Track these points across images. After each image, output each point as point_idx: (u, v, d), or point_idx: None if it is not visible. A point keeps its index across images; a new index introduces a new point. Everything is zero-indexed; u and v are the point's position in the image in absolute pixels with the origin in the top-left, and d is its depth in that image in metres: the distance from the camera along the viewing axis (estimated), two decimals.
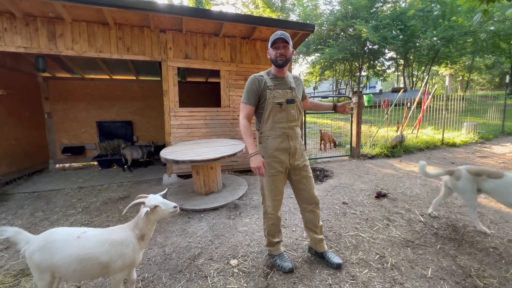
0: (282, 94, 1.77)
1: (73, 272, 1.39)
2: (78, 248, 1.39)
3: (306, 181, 1.88)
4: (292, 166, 1.85)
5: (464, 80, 25.84)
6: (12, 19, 3.40)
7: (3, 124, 4.29)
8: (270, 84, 1.77)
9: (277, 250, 2.00)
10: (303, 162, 1.88)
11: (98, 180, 4.58)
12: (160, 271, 1.97)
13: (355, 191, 3.54)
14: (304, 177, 1.88)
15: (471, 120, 8.34)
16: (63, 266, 1.37)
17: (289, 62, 1.77)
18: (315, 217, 1.93)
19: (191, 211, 3.03)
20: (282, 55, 1.71)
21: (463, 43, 17.16)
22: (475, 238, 2.29)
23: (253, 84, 1.77)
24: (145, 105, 6.46)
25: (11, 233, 1.40)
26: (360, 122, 5.43)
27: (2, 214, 3.15)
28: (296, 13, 22.53)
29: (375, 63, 22.06)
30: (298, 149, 1.85)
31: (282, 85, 1.80)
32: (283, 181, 1.89)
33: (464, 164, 4.75)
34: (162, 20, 3.80)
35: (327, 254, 1.96)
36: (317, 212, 1.93)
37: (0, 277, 1.96)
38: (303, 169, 1.88)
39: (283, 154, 1.80)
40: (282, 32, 1.71)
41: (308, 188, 1.89)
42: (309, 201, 1.91)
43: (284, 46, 1.70)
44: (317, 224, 1.96)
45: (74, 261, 1.37)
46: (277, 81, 1.80)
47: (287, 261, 1.93)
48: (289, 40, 1.70)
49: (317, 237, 1.97)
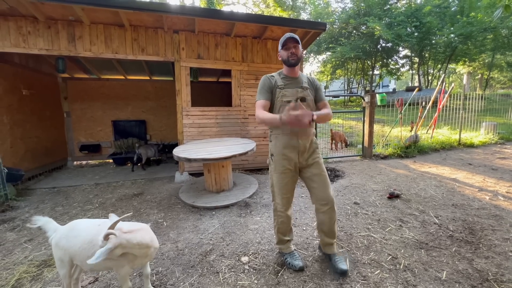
0: (292, 93, 1.79)
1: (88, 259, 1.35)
2: (95, 234, 1.41)
3: (318, 178, 1.83)
4: (301, 164, 1.85)
5: (483, 78, 24.75)
6: (35, 23, 3.58)
7: (26, 122, 4.51)
8: (281, 83, 1.82)
9: (287, 248, 2.01)
10: (314, 160, 1.85)
11: (113, 177, 4.74)
12: (173, 266, 2.02)
13: (367, 191, 3.49)
14: (316, 174, 1.83)
15: (491, 120, 8.01)
16: (82, 251, 1.39)
17: (300, 61, 1.82)
18: (329, 220, 1.84)
19: (203, 208, 3.09)
20: (293, 54, 1.77)
21: (482, 39, 16.46)
22: (493, 241, 2.21)
23: (265, 81, 1.84)
24: (158, 105, 6.61)
25: (43, 222, 1.53)
26: (373, 122, 5.34)
27: (25, 208, 3.32)
28: (307, 12, 22.33)
29: (388, 61, 21.51)
30: (309, 147, 1.84)
31: (293, 85, 1.83)
32: (293, 179, 1.89)
33: (482, 165, 4.61)
34: (176, 21, 3.88)
35: (334, 258, 1.90)
36: (332, 216, 1.83)
37: (25, 267, 2.08)
38: (314, 167, 1.84)
39: (292, 152, 1.81)
40: (291, 34, 1.80)
41: (319, 186, 1.83)
42: (321, 201, 1.83)
43: (294, 46, 1.77)
44: (332, 228, 1.86)
45: (89, 247, 1.38)
46: (288, 81, 1.84)
47: (297, 259, 1.94)
48: (298, 40, 1.79)
49: (327, 240, 1.91)
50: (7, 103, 4.07)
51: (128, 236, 1.32)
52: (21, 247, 2.39)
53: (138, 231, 1.41)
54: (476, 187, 3.52)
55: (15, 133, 4.20)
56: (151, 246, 1.45)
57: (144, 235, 1.43)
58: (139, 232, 1.41)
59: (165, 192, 3.77)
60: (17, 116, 4.28)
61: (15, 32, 3.52)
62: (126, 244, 1.30)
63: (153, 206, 3.26)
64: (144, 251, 1.42)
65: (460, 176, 4.01)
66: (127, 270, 1.44)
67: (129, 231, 1.35)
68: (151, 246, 1.45)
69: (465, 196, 3.23)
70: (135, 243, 1.35)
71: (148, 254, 1.46)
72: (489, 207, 2.89)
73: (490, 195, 3.22)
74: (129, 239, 1.32)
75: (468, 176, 4.03)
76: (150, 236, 1.48)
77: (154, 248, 1.50)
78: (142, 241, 1.38)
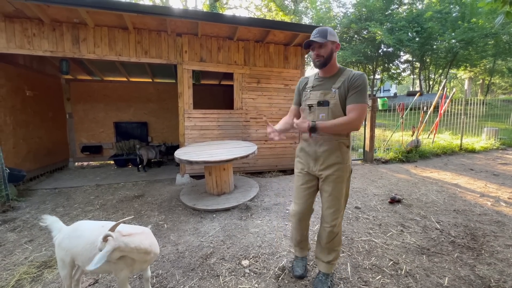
0: (317, 96, 1.64)
1: (88, 261, 1.35)
2: (97, 236, 1.38)
3: (327, 197, 1.66)
4: (316, 174, 1.71)
5: (484, 84, 24.78)
6: (41, 25, 3.62)
7: (29, 123, 4.53)
8: (310, 85, 1.71)
9: (297, 251, 1.97)
10: (328, 175, 1.63)
11: (114, 178, 4.74)
12: (174, 269, 2.02)
13: (368, 195, 3.48)
14: (325, 191, 1.67)
15: (492, 125, 8.00)
16: (85, 253, 1.39)
17: (329, 60, 1.59)
18: (326, 238, 1.71)
19: (203, 211, 3.08)
20: (318, 56, 1.59)
21: (484, 45, 16.52)
22: (496, 248, 2.20)
23: (297, 85, 1.85)
24: (160, 107, 6.64)
25: (50, 221, 1.56)
26: (374, 126, 5.35)
27: (27, 208, 3.33)
28: (309, 16, 22.47)
29: (389, 66, 21.61)
30: (326, 158, 1.63)
31: (323, 86, 1.65)
32: (308, 185, 1.75)
33: (484, 171, 4.60)
34: (179, 24, 3.92)
35: (318, 275, 1.81)
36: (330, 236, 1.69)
37: (25, 268, 2.07)
38: (326, 183, 1.65)
39: (306, 157, 1.73)
40: (317, 31, 1.57)
41: (324, 205, 1.70)
42: (323, 218, 1.73)
43: (319, 46, 1.57)
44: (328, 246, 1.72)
45: (90, 249, 1.37)
46: (320, 82, 1.68)
47: (301, 267, 1.90)
48: (324, 37, 1.55)
49: (318, 254, 1.81)
50: (11, 104, 4.09)
51: (126, 240, 1.30)
52: (22, 248, 2.38)
53: (138, 235, 1.39)
54: (478, 193, 3.51)
55: (17, 133, 4.22)
56: (150, 252, 1.42)
57: (144, 239, 1.40)
58: (139, 236, 1.39)
59: (166, 194, 3.77)
60: (20, 116, 4.31)
61: (21, 34, 3.56)
62: (124, 247, 1.28)
63: (153, 208, 3.26)
64: (142, 256, 1.39)
65: (462, 182, 4.00)
66: (126, 274, 1.41)
67: (128, 234, 1.34)
68: (150, 252, 1.42)
69: (466, 201, 3.22)
70: (133, 247, 1.33)
71: (146, 259, 1.43)
72: (491, 213, 2.88)
73: (492, 201, 3.21)
74: (127, 242, 1.30)
75: (470, 181, 4.02)
76: (150, 241, 1.45)
77: (154, 253, 1.47)
78: (140, 246, 1.36)
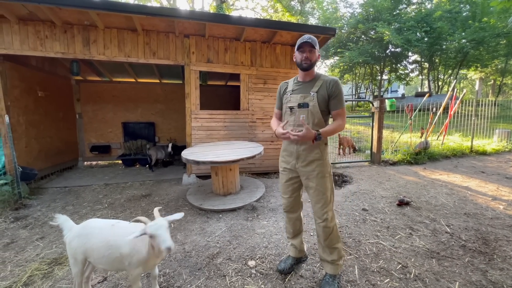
0: (297, 99, 1.75)
1: (102, 258, 1.47)
2: (110, 234, 1.50)
3: (312, 192, 1.75)
4: (298, 171, 1.80)
5: (496, 84, 24.18)
6: (53, 27, 3.71)
7: (40, 123, 4.64)
8: (291, 89, 1.82)
9: (290, 250, 2.04)
10: (310, 171, 1.73)
11: (122, 178, 4.81)
12: (181, 268, 2.03)
13: (375, 197, 3.44)
14: (310, 187, 1.76)
15: (504, 127, 7.79)
16: (96, 250, 1.47)
17: (313, 66, 1.74)
18: (323, 234, 1.76)
19: (210, 211, 3.10)
20: (307, 59, 1.70)
21: (495, 45, 16.09)
22: (508, 252, 2.14)
23: (278, 90, 1.96)
24: (167, 107, 6.71)
25: (61, 220, 1.60)
26: (382, 127, 5.28)
27: (38, 206, 3.41)
28: (315, 17, 22.38)
29: (397, 66, 21.28)
30: (306, 155, 1.73)
31: (302, 90, 1.77)
32: (290, 182, 1.88)
33: (495, 174, 4.47)
34: (187, 26, 3.96)
35: (325, 277, 1.82)
36: (326, 231, 1.74)
37: (36, 264, 2.13)
38: (310, 179, 1.75)
39: (288, 156, 1.84)
40: (310, 36, 1.70)
41: (312, 201, 1.78)
42: (315, 214, 1.78)
43: (310, 50, 1.69)
44: (328, 244, 1.76)
45: (105, 247, 1.46)
46: (299, 86, 1.80)
47: (286, 262, 1.99)
48: (315, 44, 1.69)
49: (321, 254, 1.83)
50: (24, 104, 4.20)
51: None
52: (33, 245, 2.44)
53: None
54: (490, 196, 3.42)
55: (30, 133, 4.33)
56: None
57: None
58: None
59: (173, 194, 3.81)
60: (32, 116, 4.42)
61: (33, 36, 3.65)
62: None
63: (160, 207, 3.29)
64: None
65: (473, 184, 3.91)
66: (139, 271, 1.50)
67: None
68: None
69: (478, 205, 3.15)
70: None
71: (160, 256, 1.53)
72: (504, 217, 2.80)
73: (505, 205, 3.12)
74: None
75: (481, 184, 3.92)
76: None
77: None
78: None
